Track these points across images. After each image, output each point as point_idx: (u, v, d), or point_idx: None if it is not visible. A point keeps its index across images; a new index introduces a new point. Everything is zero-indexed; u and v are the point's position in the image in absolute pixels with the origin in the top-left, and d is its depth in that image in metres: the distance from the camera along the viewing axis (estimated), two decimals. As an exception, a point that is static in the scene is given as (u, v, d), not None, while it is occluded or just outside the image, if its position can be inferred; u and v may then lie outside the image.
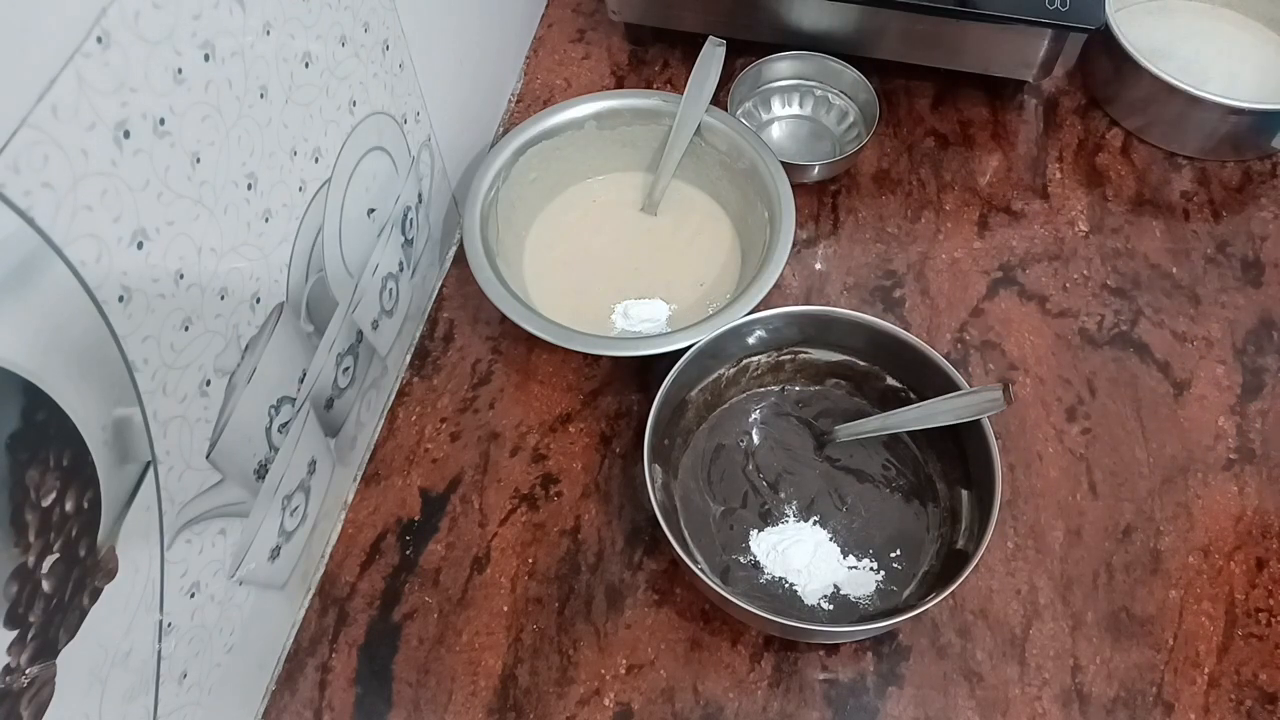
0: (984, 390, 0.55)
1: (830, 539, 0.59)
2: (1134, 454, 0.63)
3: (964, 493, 0.58)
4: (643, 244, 0.72)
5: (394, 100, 0.58)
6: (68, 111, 0.32)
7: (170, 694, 0.45)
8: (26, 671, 0.35)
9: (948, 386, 0.57)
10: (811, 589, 0.57)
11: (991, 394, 0.54)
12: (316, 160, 0.50)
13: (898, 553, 0.58)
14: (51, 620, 0.36)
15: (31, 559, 0.34)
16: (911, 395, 0.61)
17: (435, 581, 0.59)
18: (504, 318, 0.62)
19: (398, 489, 0.63)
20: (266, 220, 0.46)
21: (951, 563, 0.55)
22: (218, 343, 0.44)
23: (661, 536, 0.54)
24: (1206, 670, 0.56)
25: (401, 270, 0.64)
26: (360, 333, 0.59)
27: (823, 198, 0.75)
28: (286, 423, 0.52)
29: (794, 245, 0.64)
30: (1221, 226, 0.73)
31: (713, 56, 0.72)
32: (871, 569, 0.58)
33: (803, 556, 0.58)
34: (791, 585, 0.57)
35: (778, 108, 0.79)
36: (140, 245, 0.37)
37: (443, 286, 0.71)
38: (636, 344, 0.61)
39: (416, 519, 0.61)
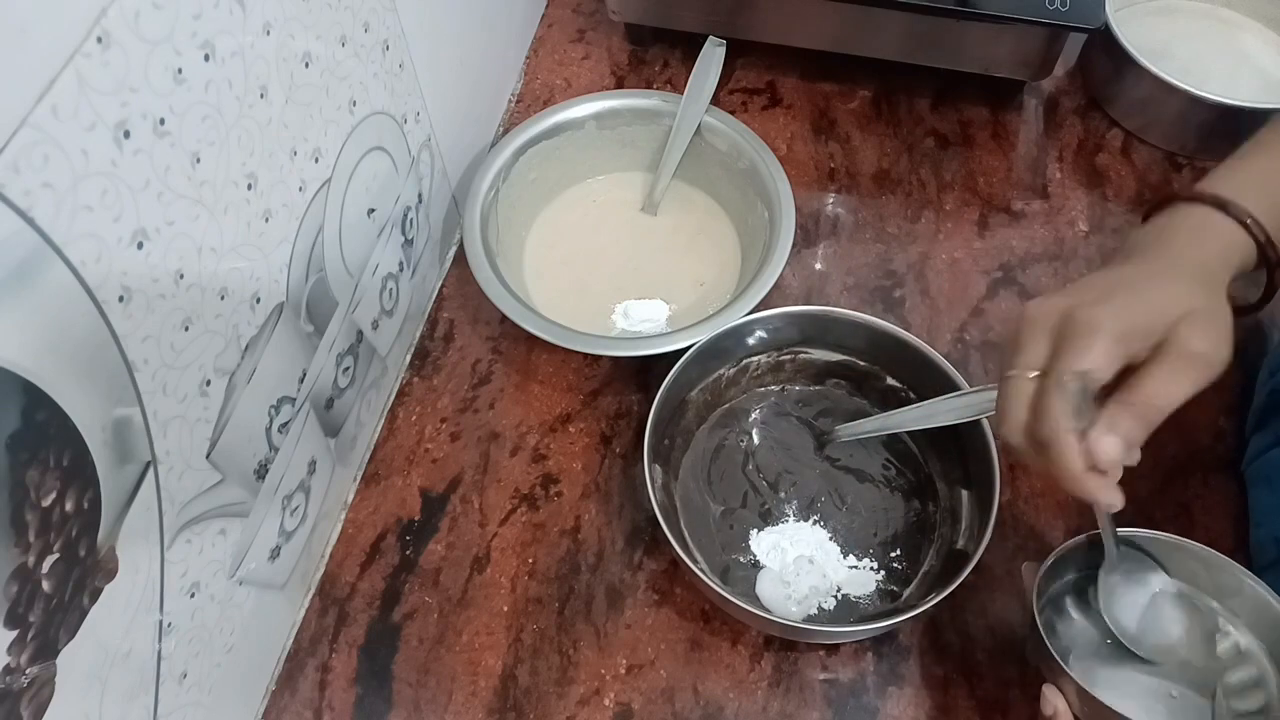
0: (984, 390, 0.55)
1: (830, 539, 0.59)
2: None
3: (964, 493, 0.58)
4: (643, 244, 0.72)
5: (394, 100, 0.58)
6: (68, 111, 0.32)
7: (170, 694, 0.45)
8: (26, 671, 0.35)
9: (948, 386, 0.57)
10: (811, 589, 0.57)
11: (991, 394, 0.54)
12: (316, 160, 0.50)
13: (898, 553, 0.58)
14: (51, 620, 0.36)
15: (31, 559, 0.34)
16: (911, 395, 0.61)
17: (435, 581, 0.59)
18: (504, 318, 0.62)
19: (398, 489, 0.63)
20: (266, 220, 0.46)
21: (951, 563, 0.55)
22: (218, 343, 0.44)
23: (661, 536, 0.54)
24: (1206, 670, 0.56)
25: (401, 270, 0.64)
26: (360, 333, 0.59)
27: (823, 197, 0.75)
28: (286, 423, 0.52)
29: (794, 245, 0.64)
30: (1221, 226, 0.72)
31: (713, 56, 0.72)
32: (871, 569, 0.58)
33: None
34: (791, 585, 0.57)
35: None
36: (140, 245, 0.37)
37: (443, 286, 0.71)
38: (636, 344, 0.61)
39: (416, 519, 0.61)
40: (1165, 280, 0.47)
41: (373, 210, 0.58)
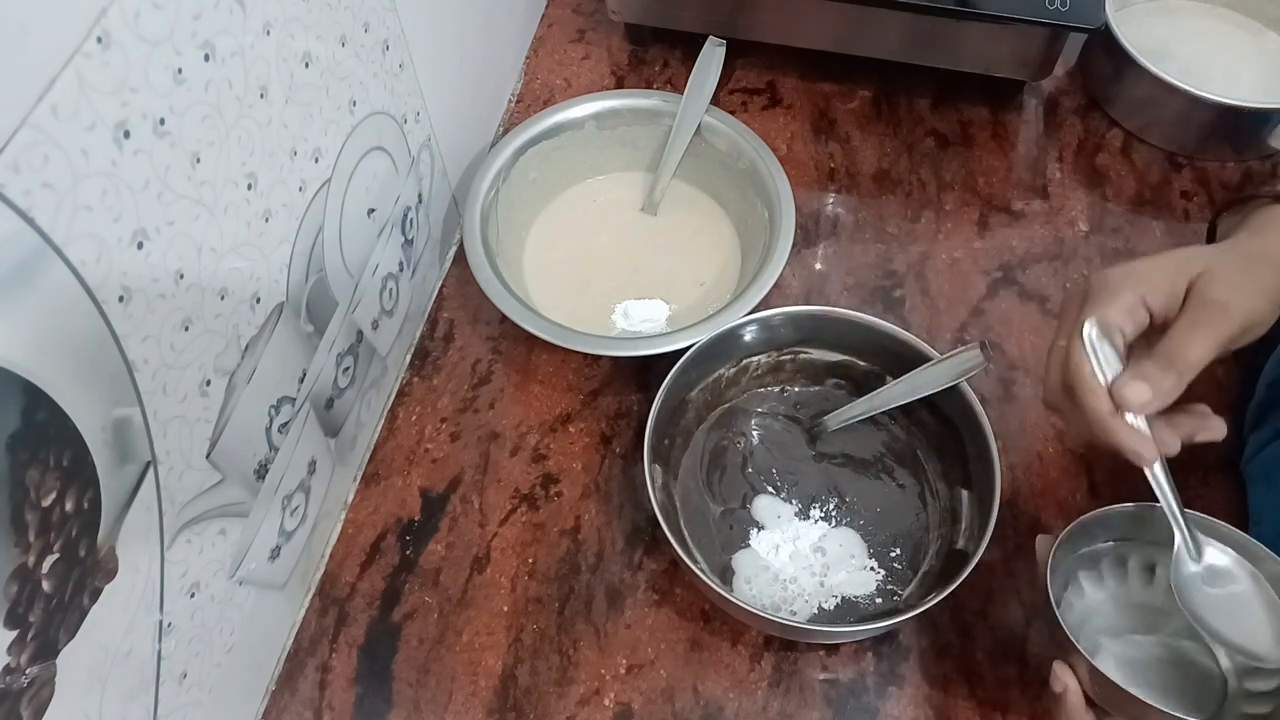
0: (962, 352, 0.55)
1: (830, 538, 0.59)
2: (1134, 454, 0.62)
3: (964, 493, 0.58)
4: (643, 244, 0.72)
5: (394, 100, 0.58)
6: (68, 111, 0.32)
7: (170, 694, 0.45)
8: (26, 671, 0.35)
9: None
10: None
11: (970, 354, 0.54)
12: (316, 160, 0.50)
13: (898, 553, 0.58)
14: (51, 620, 0.36)
15: (31, 559, 0.34)
16: (911, 395, 0.61)
17: (435, 581, 0.59)
18: (504, 318, 0.62)
19: (398, 489, 0.63)
20: (266, 220, 0.46)
21: (951, 563, 0.55)
22: (218, 343, 0.44)
23: (661, 536, 0.54)
24: (1206, 670, 0.56)
25: (401, 270, 0.64)
26: (360, 333, 0.59)
27: (823, 198, 0.75)
28: (286, 423, 0.52)
29: (794, 245, 0.64)
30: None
31: (713, 56, 0.72)
32: (871, 569, 0.58)
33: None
34: (791, 585, 0.57)
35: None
36: (140, 245, 0.37)
37: (443, 286, 0.71)
38: (636, 344, 0.61)
39: (416, 519, 0.61)
40: (1195, 251, 0.49)
41: (373, 210, 0.58)
